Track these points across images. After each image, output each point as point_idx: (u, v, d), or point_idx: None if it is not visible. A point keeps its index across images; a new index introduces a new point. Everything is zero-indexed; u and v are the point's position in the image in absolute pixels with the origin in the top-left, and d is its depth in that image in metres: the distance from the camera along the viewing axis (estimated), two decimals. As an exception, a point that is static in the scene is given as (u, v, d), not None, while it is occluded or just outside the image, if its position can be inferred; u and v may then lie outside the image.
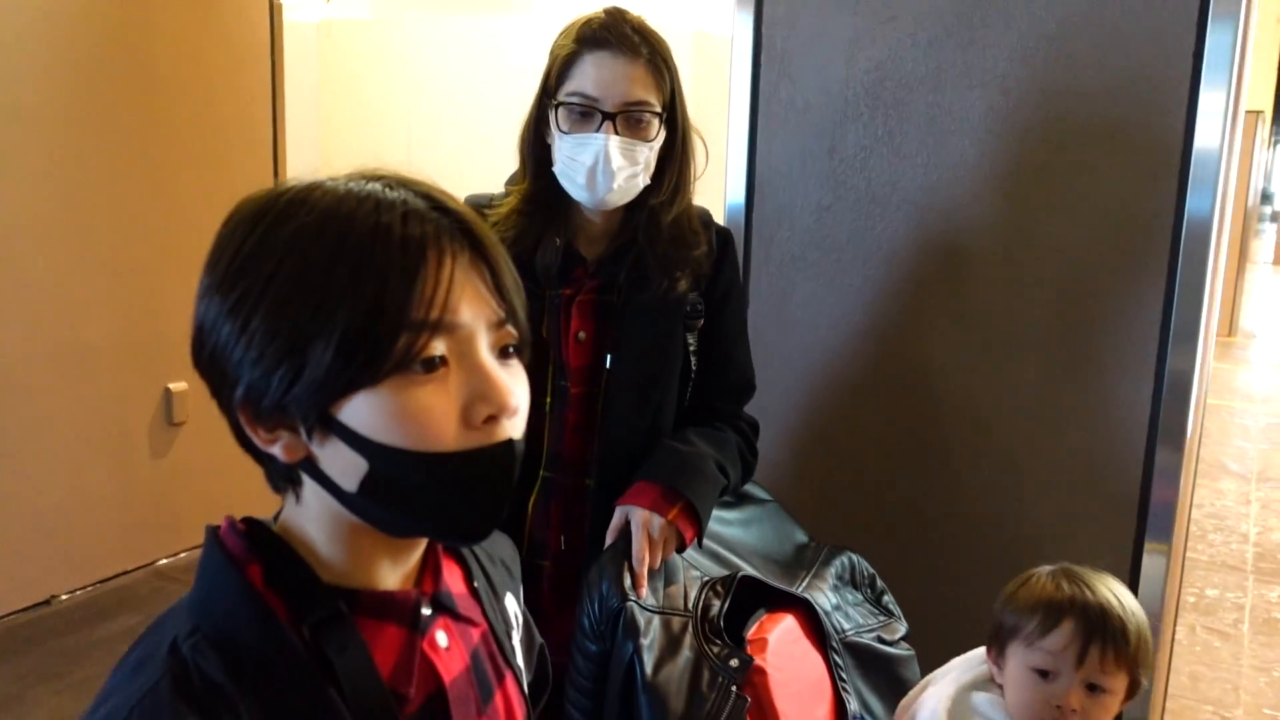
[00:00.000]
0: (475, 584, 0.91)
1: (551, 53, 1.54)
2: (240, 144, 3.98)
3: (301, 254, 0.69)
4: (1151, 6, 1.83)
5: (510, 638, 0.93)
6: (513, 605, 0.97)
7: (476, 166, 4.50)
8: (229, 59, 3.94)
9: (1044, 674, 1.32)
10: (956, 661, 1.52)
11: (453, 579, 0.88)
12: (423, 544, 0.83)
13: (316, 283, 0.68)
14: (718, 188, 2.22)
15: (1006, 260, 2.00)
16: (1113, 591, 1.34)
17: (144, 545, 3.82)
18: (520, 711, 0.91)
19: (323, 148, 4.71)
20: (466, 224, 0.74)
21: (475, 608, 0.89)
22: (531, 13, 5.56)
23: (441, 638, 0.82)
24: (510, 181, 1.62)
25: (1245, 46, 1.84)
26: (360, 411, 0.70)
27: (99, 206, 3.55)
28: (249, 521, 0.78)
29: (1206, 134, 1.82)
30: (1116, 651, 1.29)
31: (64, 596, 3.62)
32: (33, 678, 3.12)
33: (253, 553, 0.76)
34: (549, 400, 1.59)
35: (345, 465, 0.72)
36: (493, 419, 0.73)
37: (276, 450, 0.73)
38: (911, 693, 1.54)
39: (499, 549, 1.00)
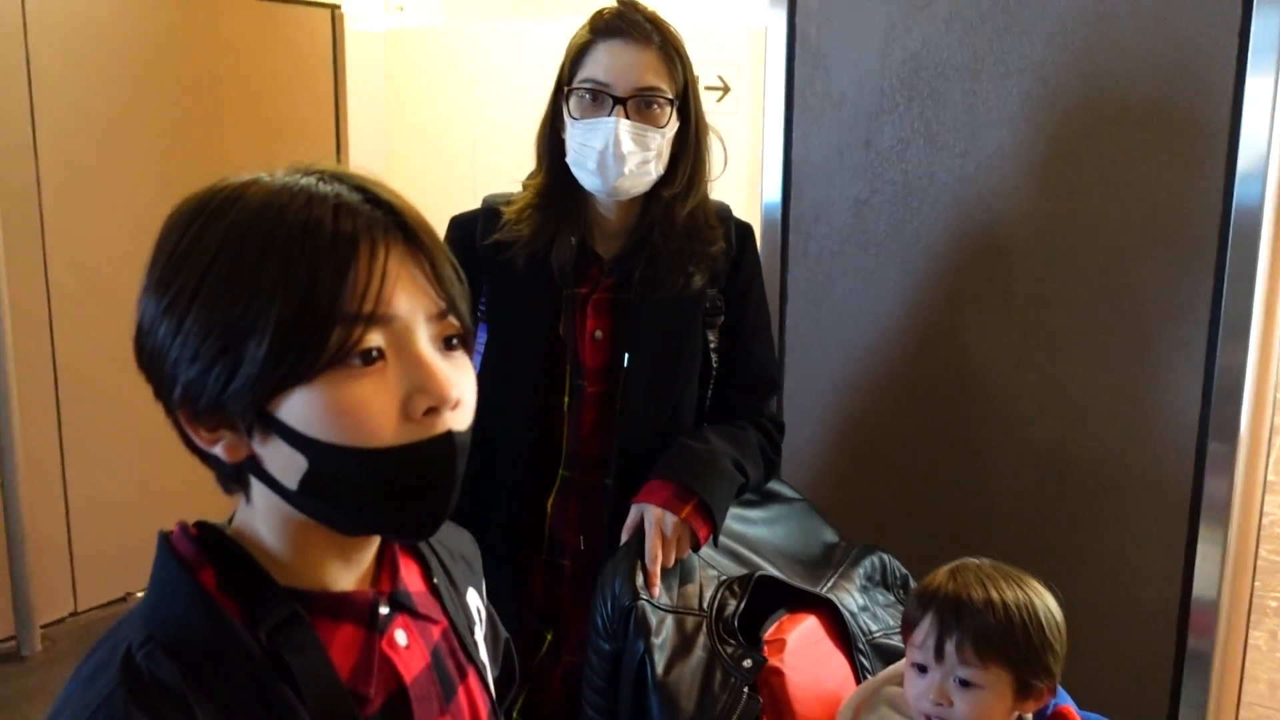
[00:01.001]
0: (434, 581, 0.90)
1: (568, 45, 1.54)
2: (304, 153, 4.06)
3: (234, 250, 0.69)
4: (1194, -15, 1.76)
5: (473, 633, 0.93)
6: (475, 600, 0.97)
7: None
8: (294, 70, 4.03)
9: (920, 668, 1.28)
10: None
11: (410, 577, 0.88)
12: (375, 542, 0.82)
13: (248, 278, 0.68)
14: (754, 182, 2.20)
15: (1047, 252, 1.94)
16: (999, 587, 1.28)
17: (216, 544, 3.91)
18: (484, 707, 0.90)
19: (388, 155, 4.78)
20: (401, 216, 0.73)
21: (435, 605, 0.89)
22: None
23: (401, 636, 0.82)
24: (527, 179, 1.63)
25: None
26: (297, 408, 0.70)
27: (167, 213, 3.66)
28: (201, 525, 0.78)
29: (1254, 119, 1.74)
30: (976, 646, 1.23)
31: (139, 594, 3.72)
32: (106, 672, 3.22)
33: (205, 556, 0.76)
34: (567, 399, 1.59)
35: (286, 463, 0.71)
36: (433, 411, 0.72)
37: (219, 450, 0.73)
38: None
39: (459, 544, 1.00)
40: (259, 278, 0.68)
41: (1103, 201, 1.88)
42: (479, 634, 0.94)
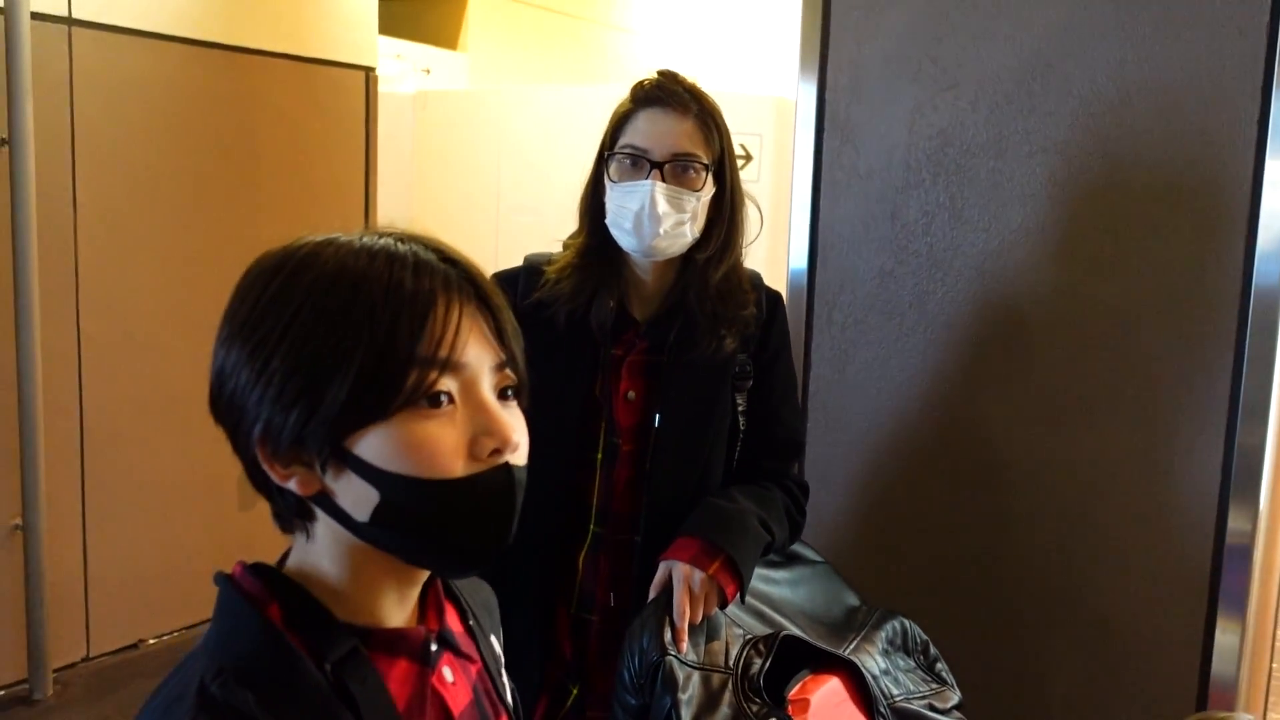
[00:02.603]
0: (470, 623, 0.94)
1: (612, 113, 1.61)
2: (334, 212, 4.15)
3: (320, 299, 0.75)
4: (1213, 74, 1.82)
5: (501, 675, 0.96)
6: (496, 646, 1.01)
7: (566, 234, 4.60)
8: (328, 129, 4.13)
9: None
10: None
11: (451, 618, 0.92)
12: (421, 581, 0.86)
13: (334, 325, 0.74)
14: (779, 250, 2.26)
15: (1069, 326, 1.98)
16: None
17: (230, 594, 3.92)
18: None
19: (413, 214, 4.88)
20: (471, 275, 0.80)
21: (472, 645, 0.93)
22: (624, 82, 5.70)
23: (448, 673, 0.86)
24: (569, 239, 1.69)
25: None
26: (372, 445, 0.75)
27: (199, 267, 3.73)
28: (257, 567, 0.82)
29: (1273, 201, 1.79)
30: None
31: (152, 641, 3.74)
32: (117, 718, 3.22)
33: (270, 593, 0.79)
34: (600, 456, 1.62)
35: (358, 496, 0.76)
36: (497, 452, 0.78)
37: (292, 485, 0.77)
38: None
39: (479, 594, 1.03)
40: (344, 325, 0.74)
41: (1124, 279, 1.92)
42: (505, 677, 0.98)
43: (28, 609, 3.32)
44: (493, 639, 1.00)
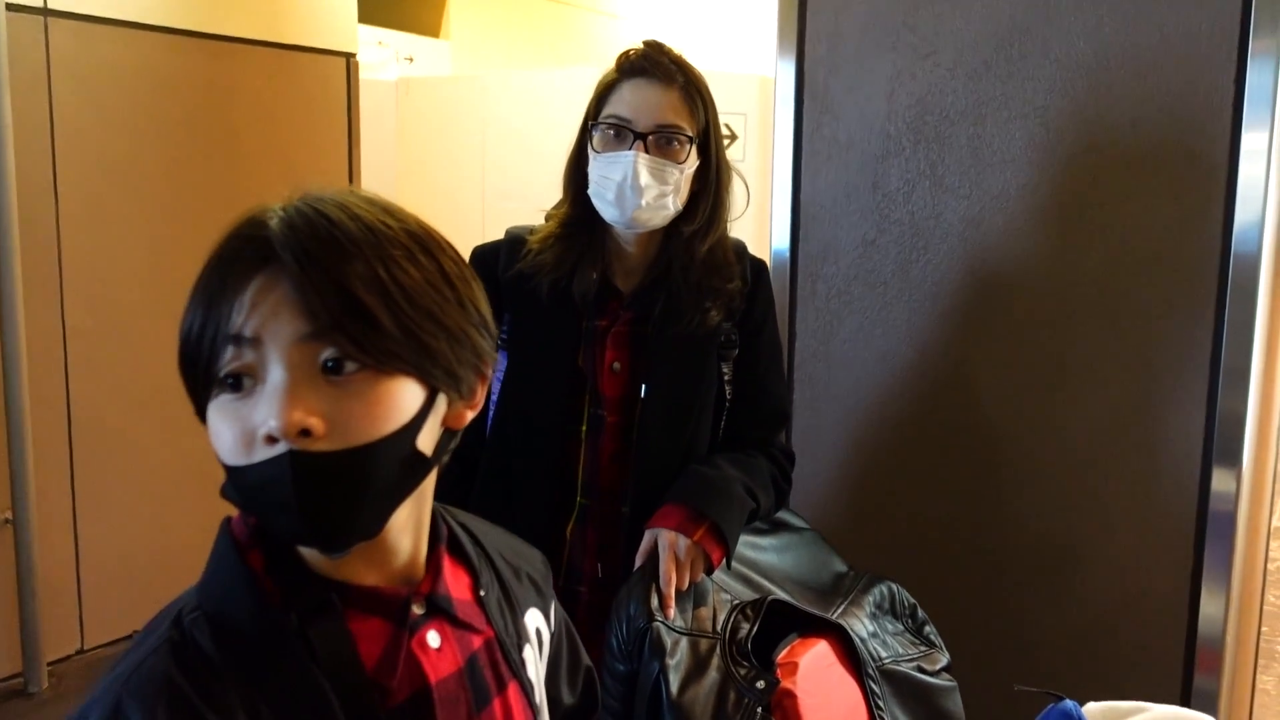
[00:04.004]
0: (482, 593, 0.93)
1: (596, 84, 1.61)
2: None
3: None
4: (1190, 36, 1.82)
5: (520, 650, 0.95)
6: (536, 620, 0.99)
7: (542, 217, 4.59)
8: (309, 117, 4.11)
9: None
10: None
11: (457, 585, 0.91)
12: (404, 545, 0.85)
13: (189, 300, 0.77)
14: (763, 225, 2.26)
15: (1051, 292, 1.99)
16: None
17: (223, 585, 3.92)
18: None
19: (399, 201, 4.87)
20: (314, 235, 0.75)
21: (479, 615, 0.91)
22: (606, 66, 5.69)
23: (433, 638, 0.85)
24: (552, 209, 1.69)
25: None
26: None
27: (183, 258, 3.69)
28: None
29: (1250, 173, 1.79)
30: None
31: (145, 633, 3.74)
32: (112, 710, 3.22)
33: (256, 541, 0.81)
34: (584, 429, 1.63)
35: None
36: (271, 439, 0.73)
37: None
38: None
39: (530, 564, 1.03)
40: (189, 301, 0.77)
41: (1104, 244, 1.93)
42: (529, 652, 0.96)
43: (20, 602, 3.32)
44: (534, 614, 0.99)
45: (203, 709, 0.71)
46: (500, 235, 1.71)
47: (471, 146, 5.14)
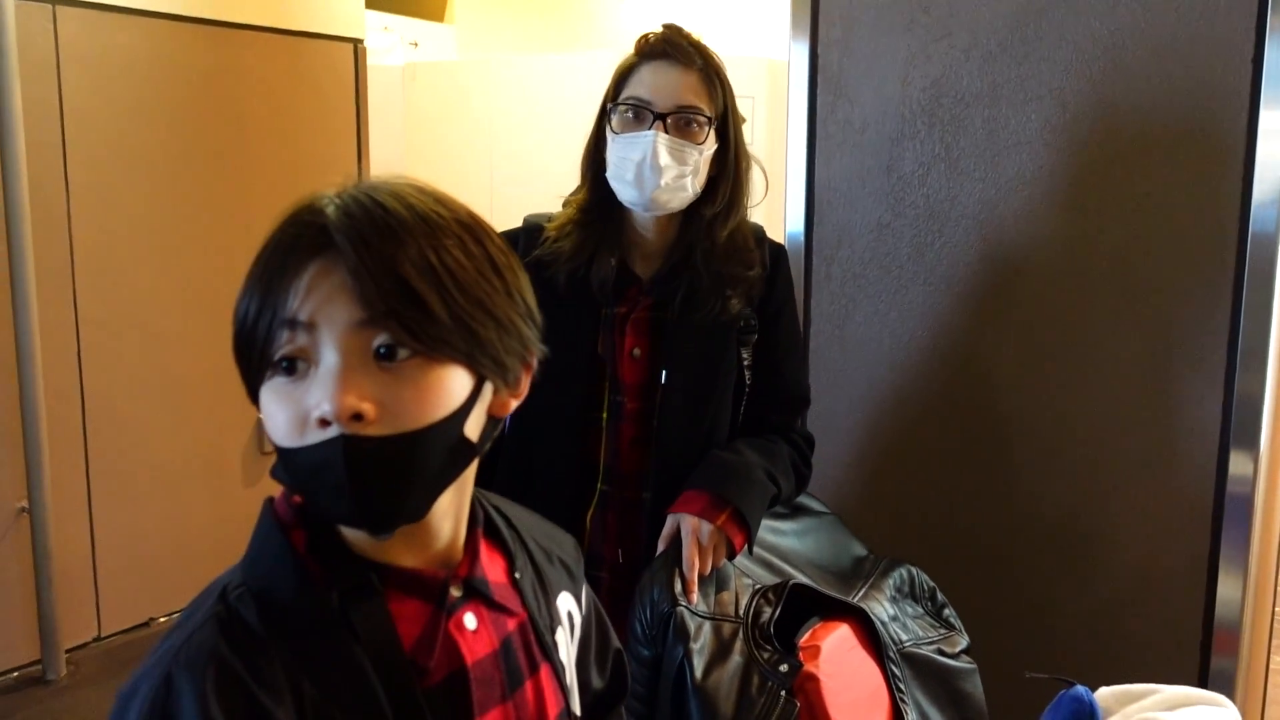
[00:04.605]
0: (516, 575, 0.94)
1: (616, 68, 1.61)
2: (326, 184, 4.14)
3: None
4: (1207, 16, 1.82)
5: (553, 633, 0.96)
6: (568, 604, 1.00)
7: (558, 203, 4.59)
8: (316, 103, 4.11)
9: None
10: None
11: (493, 569, 0.91)
12: (445, 529, 0.86)
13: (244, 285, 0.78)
14: (776, 209, 2.26)
15: (1067, 274, 1.99)
16: None
17: (237, 571, 3.95)
18: (555, 705, 0.93)
19: (407, 186, 4.86)
20: (370, 221, 0.76)
21: (514, 598, 0.92)
22: (614, 49, 5.68)
23: (469, 620, 0.86)
24: (570, 195, 1.68)
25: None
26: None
27: (193, 245, 3.72)
28: None
29: (1268, 152, 1.79)
30: None
31: (162, 619, 3.75)
32: (131, 696, 3.24)
33: (299, 521, 0.82)
34: (605, 415, 1.63)
35: None
36: (324, 422, 0.74)
37: None
38: None
39: (562, 548, 1.04)
40: (243, 287, 0.78)
41: (1121, 226, 1.93)
42: (561, 636, 0.97)
43: (38, 590, 3.34)
44: (565, 597, 1.00)
45: (249, 682, 0.73)
46: (507, 219, 1.71)
47: (478, 131, 5.13)
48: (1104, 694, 1.34)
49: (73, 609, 3.48)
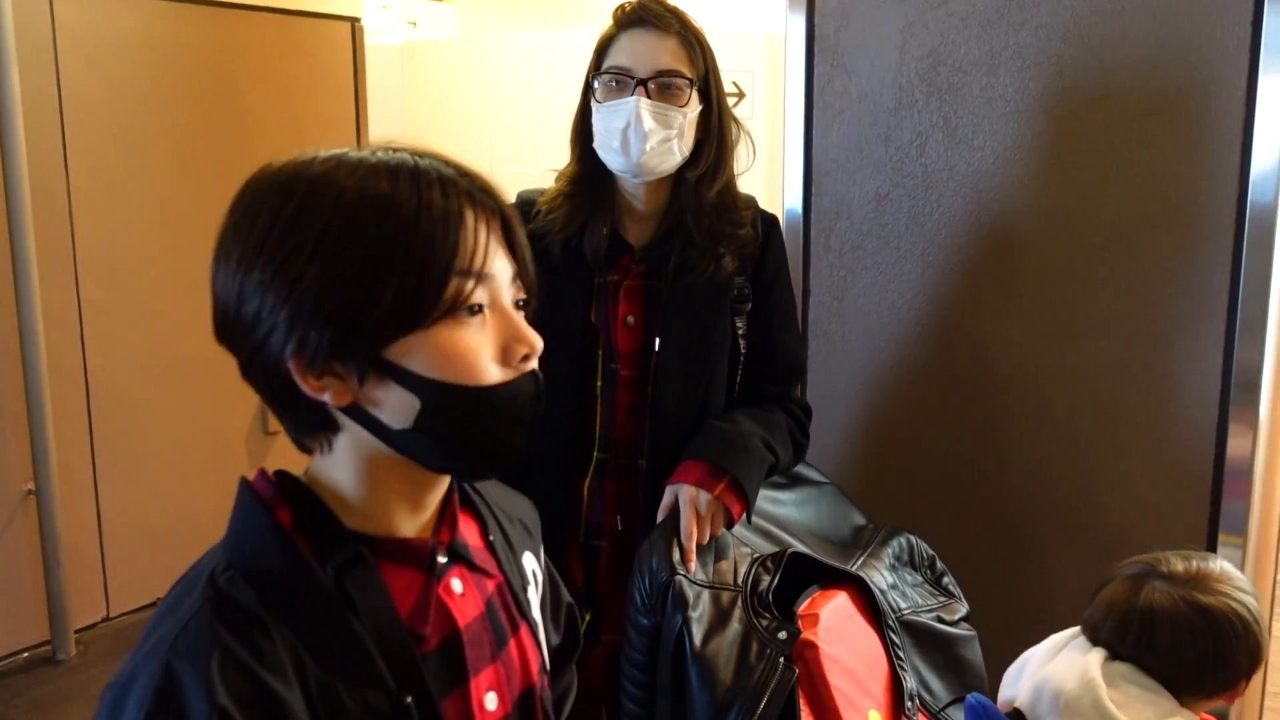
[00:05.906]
0: (490, 538, 0.96)
1: (596, 40, 1.62)
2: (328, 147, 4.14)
3: (352, 216, 0.76)
4: (1205, -22, 1.80)
5: (525, 592, 0.98)
6: (531, 563, 1.02)
7: (553, 180, 4.58)
8: (316, 82, 4.10)
9: None
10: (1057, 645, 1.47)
11: (469, 532, 0.93)
12: (439, 495, 0.88)
13: (370, 241, 0.76)
14: (774, 181, 2.25)
15: (1065, 243, 1.98)
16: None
17: (243, 551, 3.97)
18: (535, 661, 0.95)
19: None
20: (489, 188, 0.84)
21: (490, 560, 0.94)
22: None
23: (456, 584, 0.88)
24: (561, 170, 1.69)
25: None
26: (412, 354, 0.78)
27: (194, 226, 3.71)
28: (279, 473, 0.84)
29: (1267, 120, 1.78)
30: None
31: (169, 600, 3.78)
32: (140, 675, 3.27)
33: (282, 497, 0.82)
34: (599, 383, 1.63)
35: (397, 404, 0.79)
36: (526, 359, 0.83)
37: (326, 397, 0.79)
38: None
39: (519, 510, 1.06)
40: (380, 241, 0.76)
41: (1120, 193, 1.92)
42: (532, 594, 0.99)
43: (46, 571, 3.36)
44: (528, 556, 1.02)
45: (253, 665, 0.73)
46: (508, 198, 1.72)
47: (477, 110, 5.11)
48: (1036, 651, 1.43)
49: (81, 590, 3.50)
